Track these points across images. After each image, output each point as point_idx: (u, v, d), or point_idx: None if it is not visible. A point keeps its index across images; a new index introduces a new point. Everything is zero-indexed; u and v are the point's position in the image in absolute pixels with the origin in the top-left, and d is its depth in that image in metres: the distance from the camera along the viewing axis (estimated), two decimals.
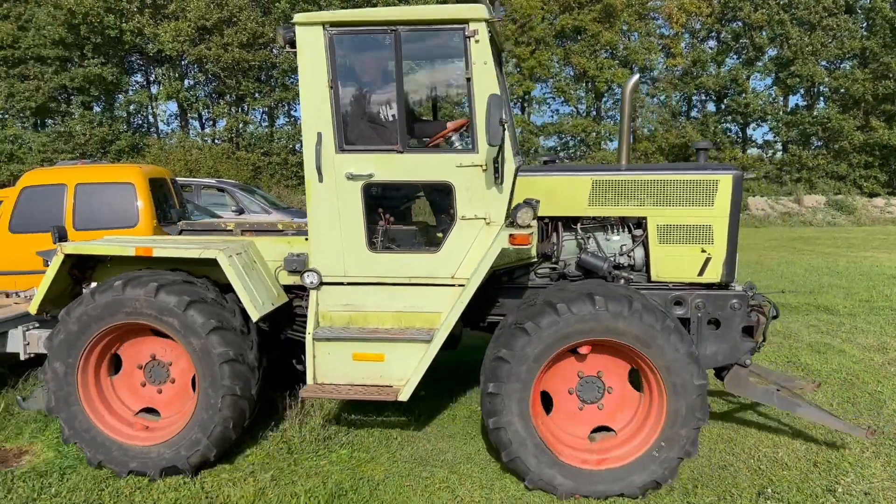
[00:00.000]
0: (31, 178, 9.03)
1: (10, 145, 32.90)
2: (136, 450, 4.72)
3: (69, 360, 4.70)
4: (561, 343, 4.32)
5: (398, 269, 4.84)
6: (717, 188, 4.74)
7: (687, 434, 4.33)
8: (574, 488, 4.41)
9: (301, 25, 4.67)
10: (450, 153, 4.78)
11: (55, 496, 4.46)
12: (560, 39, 32.41)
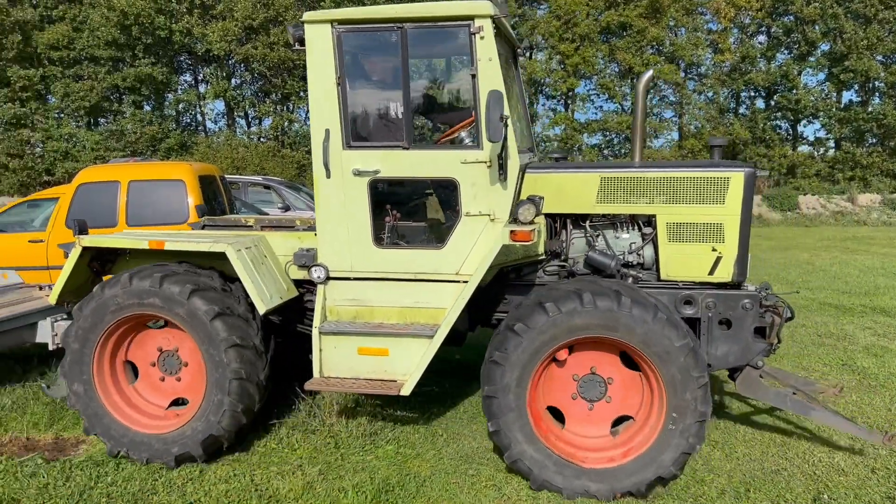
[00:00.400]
0: (86, 176, 9.28)
1: (66, 143, 33.92)
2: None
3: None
4: (552, 343, 4.32)
5: (403, 264, 4.86)
6: (728, 186, 4.67)
7: (693, 396, 4.24)
8: (609, 490, 4.37)
9: (310, 24, 4.72)
10: (455, 149, 4.78)
11: (111, 485, 4.57)
12: (605, 35, 32.03)
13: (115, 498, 4.42)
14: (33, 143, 34.71)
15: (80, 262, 5.18)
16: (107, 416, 4.93)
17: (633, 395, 4.58)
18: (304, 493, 4.47)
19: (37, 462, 4.85)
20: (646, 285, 4.90)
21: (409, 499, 4.43)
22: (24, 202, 10.49)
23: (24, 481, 4.59)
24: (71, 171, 30.91)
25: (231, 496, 4.43)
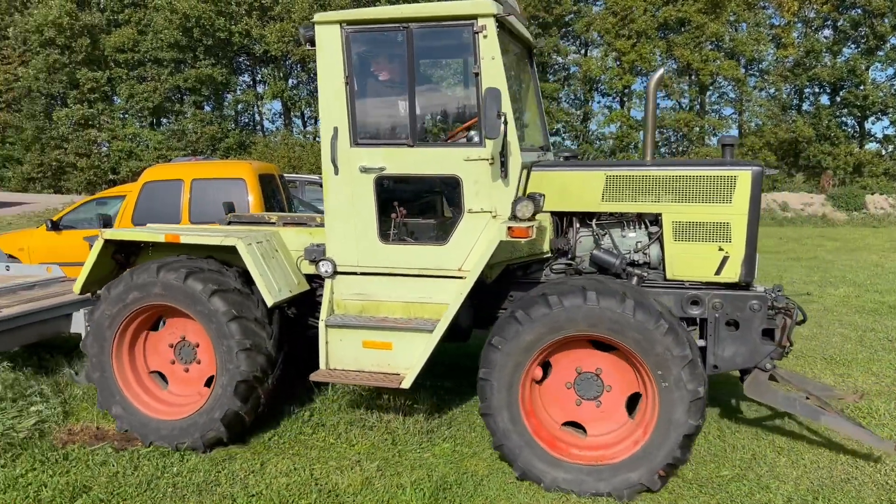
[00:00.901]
0: (151, 174, 9.56)
1: (130, 143, 35.01)
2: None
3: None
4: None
5: (408, 260, 4.93)
6: (735, 185, 4.60)
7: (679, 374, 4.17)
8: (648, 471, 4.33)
9: (320, 24, 4.85)
10: (458, 147, 4.82)
11: (176, 475, 4.70)
12: (662, 31, 31.48)
13: (180, 488, 4.53)
14: (100, 143, 36.01)
15: (104, 254, 5.42)
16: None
17: (626, 373, 4.50)
18: (362, 489, 4.51)
19: (107, 451, 5.01)
20: (652, 285, 4.85)
21: (466, 498, 4.43)
22: (93, 200, 10.87)
23: (95, 469, 4.75)
24: (135, 169, 31.94)
25: (291, 489, 4.50)
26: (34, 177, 35.99)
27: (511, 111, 4.63)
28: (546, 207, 4.88)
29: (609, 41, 31.04)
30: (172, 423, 5.11)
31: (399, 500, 4.38)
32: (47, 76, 34.61)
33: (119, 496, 4.41)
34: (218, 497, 4.41)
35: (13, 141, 36.75)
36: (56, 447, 5.07)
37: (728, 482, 4.61)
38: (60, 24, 33.31)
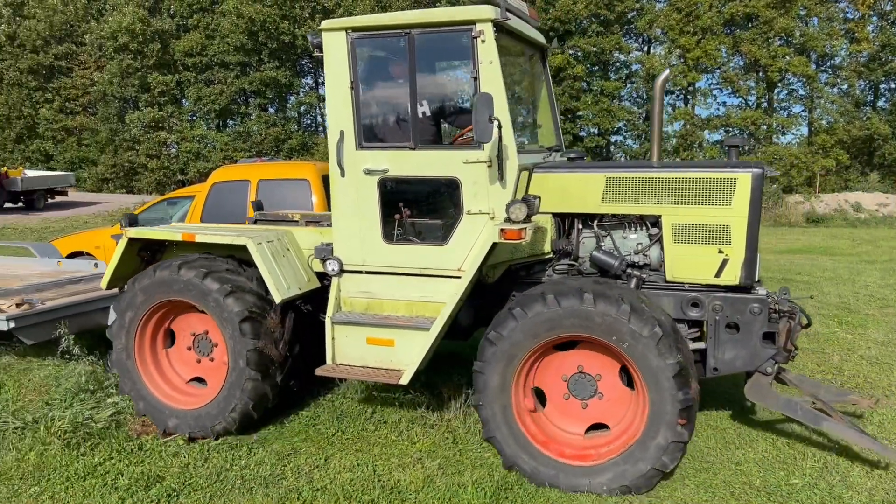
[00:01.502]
0: (219, 175, 9.83)
1: (197, 144, 36.06)
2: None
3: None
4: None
5: (410, 259, 5.05)
6: (735, 187, 4.59)
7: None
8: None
9: (327, 31, 5.01)
10: (457, 150, 4.91)
11: (244, 468, 4.83)
12: (729, 27, 30.68)
13: (248, 480, 4.66)
14: (169, 145, 37.21)
15: (129, 251, 5.69)
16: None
17: (603, 358, 4.55)
18: (424, 487, 4.55)
19: (178, 443, 5.20)
20: (652, 287, 4.86)
21: (528, 499, 4.42)
22: (164, 200, 11.23)
23: (168, 460, 4.93)
24: (202, 170, 32.91)
25: (355, 485, 4.58)
26: (108, 177, 37.45)
27: (508, 115, 4.70)
28: (548, 209, 4.97)
29: (673, 38, 30.41)
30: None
31: (460, 498, 4.40)
32: (121, 80, 35.99)
33: (190, 486, 4.57)
34: (284, 490, 4.52)
35: (89, 143, 38.33)
36: (131, 437, 5.29)
37: (798, 491, 4.48)
38: (133, 30, 34.60)
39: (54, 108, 38.72)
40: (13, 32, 38.04)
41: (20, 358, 7.03)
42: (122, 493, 4.45)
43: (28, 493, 4.48)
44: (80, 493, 4.47)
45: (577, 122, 31.75)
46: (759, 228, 4.68)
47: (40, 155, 39.03)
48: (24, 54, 38.15)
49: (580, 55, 31.33)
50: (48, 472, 4.73)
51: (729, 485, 4.58)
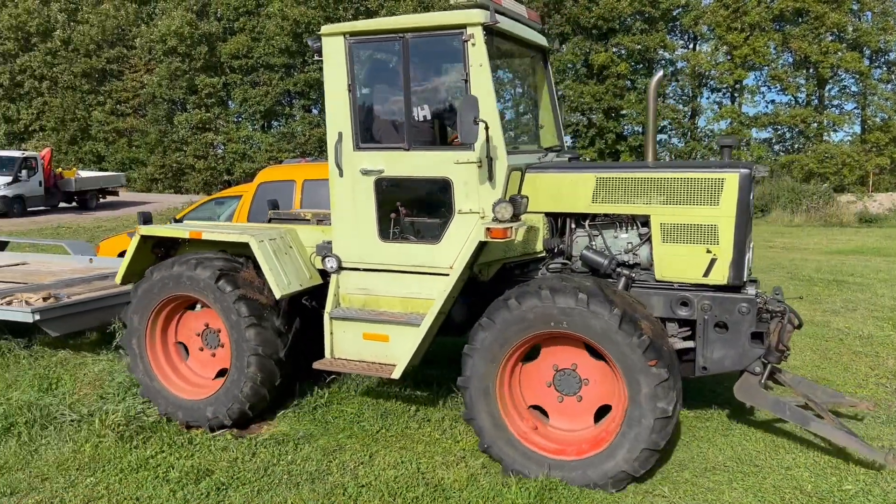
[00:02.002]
0: (265, 175, 9.99)
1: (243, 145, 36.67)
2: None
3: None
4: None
5: (404, 257, 5.17)
6: (722, 187, 4.60)
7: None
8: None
9: (326, 36, 5.18)
10: (449, 150, 4.98)
11: (290, 463, 4.91)
12: (778, 23, 30.02)
13: (294, 475, 4.74)
14: (216, 146, 37.92)
15: (143, 247, 5.91)
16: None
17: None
18: (468, 485, 4.57)
19: (227, 437, 5.31)
20: (642, 286, 4.91)
21: (572, 499, 4.39)
22: (212, 200, 11.46)
23: (217, 454, 5.04)
24: (248, 170, 33.45)
25: (399, 482, 4.62)
26: (157, 177, 38.37)
27: (497, 116, 4.77)
28: (540, 208, 5.06)
29: (720, 35, 29.88)
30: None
31: (504, 498, 4.40)
32: (169, 83, 36.83)
33: (239, 480, 4.66)
34: (329, 486, 4.58)
35: (139, 144, 39.30)
36: (182, 431, 5.41)
37: (852, 497, 4.37)
38: (181, 33, 35.37)
39: (106, 111, 39.80)
40: (68, 37, 39.21)
41: (76, 353, 7.25)
42: (173, 486, 4.56)
43: (84, 483, 4.62)
44: (133, 485, 4.59)
45: (620, 121, 31.41)
46: (748, 228, 4.72)
47: (93, 156, 40.15)
48: (77, 58, 39.31)
49: (624, 53, 30.99)
50: (103, 463, 4.88)
51: (779, 490, 4.50)
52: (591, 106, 30.81)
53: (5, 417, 5.54)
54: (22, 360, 7.13)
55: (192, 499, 4.42)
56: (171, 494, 4.46)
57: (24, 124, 40.89)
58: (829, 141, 30.25)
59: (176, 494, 4.46)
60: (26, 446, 5.15)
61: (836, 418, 4.97)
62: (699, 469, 4.80)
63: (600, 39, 31.17)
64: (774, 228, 21.79)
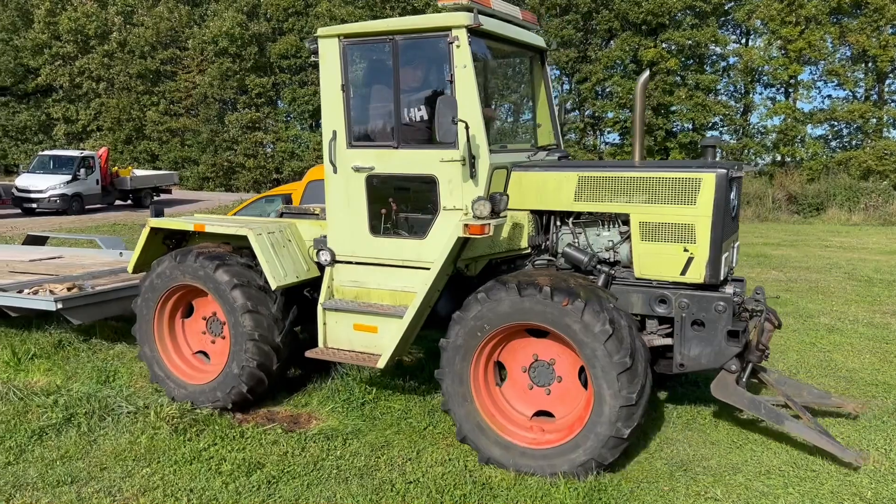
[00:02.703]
0: (314, 174, 10.13)
1: (292, 144, 37.17)
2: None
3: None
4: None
5: (394, 252, 5.36)
6: (699, 187, 4.68)
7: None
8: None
9: (322, 38, 5.40)
10: (435, 148, 5.05)
11: (339, 458, 4.96)
12: (835, 16, 29.10)
13: (343, 470, 4.79)
14: (265, 145, 38.52)
15: (154, 239, 6.29)
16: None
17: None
18: (515, 484, 4.55)
19: (277, 431, 5.39)
20: (623, 283, 5.01)
21: (622, 500, 4.35)
22: (262, 198, 11.66)
23: (268, 448, 5.12)
24: (296, 169, 33.88)
25: (447, 479, 4.63)
26: (208, 176, 39.15)
27: (480, 116, 4.90)
28: (526, 206, 5.26)
29: (773, 29, 29.10)
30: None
31: (552, 497, 4.38)
32: (220, 83, 37.53)
33: (289, 474, 4.72)
34: (378, 482, 4.61)
35: (191, 143, 40.16)
36: (233, 425, 5.52)
37: None
38: (232, 34, 36.01)
39: (160, 111, 40.78)
40: (124, 39, 40.30)
41: (132, 346, 7.45)
42: (226, 478, 4.65)
43: (140, 473, 4.74)
44: (186, 477, 4.70)
45: (669, 118, 30.87)
46: (729, 228, 4.82)
47: (147, 155, 41.16)
48: (133, 60, 40.36)
49: (674, 48, 30.45)
50: (158, 454, 5.00)
51: (836, 495, 4.38)
52: None
53: (66, 408, 5.73)
54: (81, 354, 7.37)
55: (244, 491, 4.50)
56: (223, 487, 4.55)
57: (83, 124, 42.16)
58: (888, 137, 29.19)
59: (228, 487, 4.55)
60: (86, 436, 5.31)
61: (812, 418, 5.02)
62: (753, 472, 4.70)
63: (649, 35, 30.68)
64: (830, 227, 21.19)
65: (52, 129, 43.09)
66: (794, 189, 25.02)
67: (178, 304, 6.10)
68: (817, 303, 9.90)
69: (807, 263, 13.62)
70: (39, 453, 5.04)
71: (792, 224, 22.61)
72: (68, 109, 42.28)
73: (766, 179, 27.38)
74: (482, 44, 5.46)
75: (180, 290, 5.95)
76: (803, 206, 24.37)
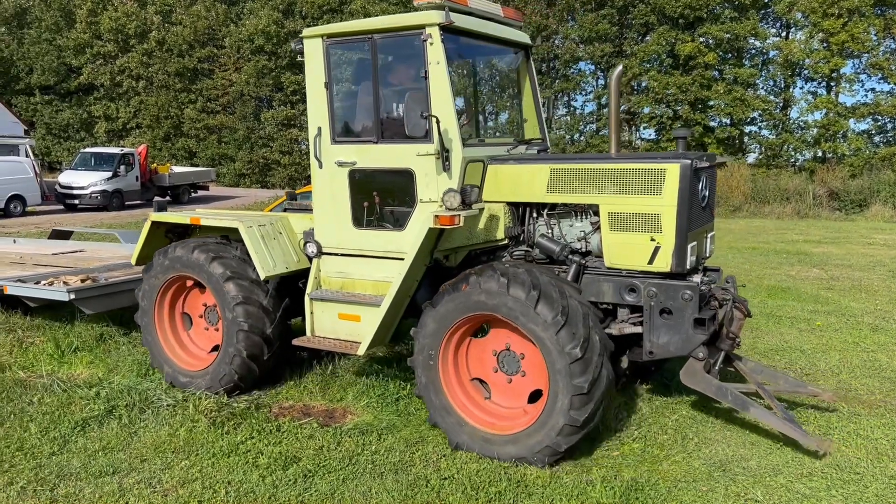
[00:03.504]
0: None
1: None
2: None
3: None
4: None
5: (375, 243, 5.56)
6: (664, 177, 4.76)
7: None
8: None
9: (307, 38, 5.65)
10: (412, 143, 5.17)
11: (374, 453, 4.98)
12: (879, 7, 28.34)
13: (378, 465, 4.80)
14: (300, 142, 38.81)
15: (157, 232, 6.63)
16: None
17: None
18: (551, 482, 4.52)
19: (313, 426, 5.43)
20: (595, 272, 5.12)
21: (659, 500, 4.29)
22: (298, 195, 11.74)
23: (304, 441, 5.16)
24: None
25: (482, 476, 4.61)
26: (245, 173, 39.64)
27: (453, 111, 5.08)
28: (502, 198, 5.40)
29: (815, 21, 28.46)
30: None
31: (588, 496, 4.34)
32: (256, 80, 37.94)
33: (325, 469, 4.76)
34: (413, 477, 4.62)
35: (228, 140, 40.69)
36: (270, 419, 5.57)
37: None
38: (268, 32, 36.36)
39: (197, 108, 41.38)
40: (162, 38, 40.96)
41: None
42: (263, 471, 4.70)
43: (179, 465, 4.82)
44: (224, 469, 4.76)
45: (707, 112, 30.40)
46: (697, 218, 4.94)
47: (185, 152, 41.83)
48: (171, 58, 41.01)
49: (711, 42, 29.96)
50: (196, 447, 5.08)
51: (882, 499, 4.27)
52: (676, 97, 29.96)
53: (108, 400, 5.85)
54: (122, 347, 7.51)
55: (281, 484, 4.54)
56: (260, 479, 4.60)
57: (123, 122, 42.99)
58: None
59: (265, 480, 4.60)
60: (126, 428, 5.41)
61: (781, 406, 5.11)
62: (794, 474, 4.61)
63: (687, 29, 30.23)
64: (874, 224, 20.68)
65: (93, 127, 44.02)
66: (835, 185, 24.45)
67: (177, 293, 6.40)
68: (860, 301, 9.67)
69: (849, 261, 13.31)
70: (82, 444, 5.15)
71: (833, 221, 22.11)
72: (109, 107, 43.14)
73: (806, 175, 26.81)
74: (462, 41, 5.63)
75: (179, 280, 6.24)
76: (845, 202, 23.81)
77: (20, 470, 4.75)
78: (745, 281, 11.23)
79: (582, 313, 4.60)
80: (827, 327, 8.29)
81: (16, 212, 24.13)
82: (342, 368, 6.65)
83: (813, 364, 6.90)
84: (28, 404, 5.86)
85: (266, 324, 5.89)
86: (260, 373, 6.05)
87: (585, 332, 4.52)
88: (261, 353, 5.93)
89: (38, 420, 5.53)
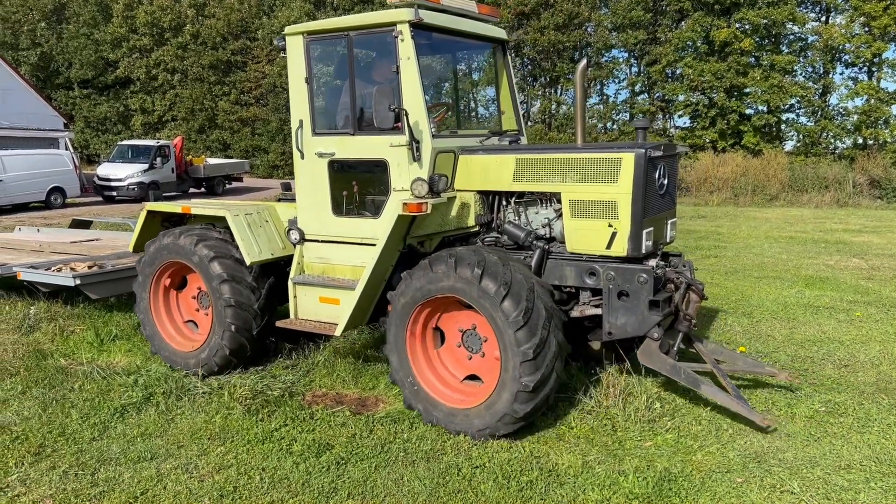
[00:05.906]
0: None
1: None
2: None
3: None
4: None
5: (353, 230, 5.82)
6: (620, 166, 4.99)
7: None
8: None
9: (288, 35, 5.89)
10: (385, 135, 5.40)
11: (406, 441, 5.01)
12: None
13: (410, 453, 4.83)
14: None
15: (152, 221, 6.96)
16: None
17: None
18: (583, 472, 4.51)
19: (345, 414, 5.48)
20: (558, 257, 5.40)
21: (693, 491, 4.26)
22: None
23: (336, 429, 5.21)
24: None
25: (513, 465, 4.62)
26: (278, 164, 40.02)
27: (423, 104, 5.28)
28: (473, 187, 5.69)
29: (856, 5, 27.74)
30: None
31: (620, 486, 4.32)
32: None
33: (357, 456, 4.80)
34: (444, 465, 4.64)
35: (261, 132, 41.09)
36: (303, 407, 5.64)
37: None
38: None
39: (231, 101, 41.85)
40: (196, 31, 41.45)
41: None
42: (296, 458, 4.76)
43: (215, 451, 4.90)
44: (259, 456, 4.83)
45: (743, 100, 29.85)
46: (654, 205, 5.18)
47: (219, 144, 42.37)
48: (205, 51, 41.50)
49: (748, 28, 29.38)
50: (231, 434, 5.16)
51: None
52: (711, 84, 29.46)
53: (145, 388, 5.97)
54: None
55: (314, 471, 4.60)
56: (294, 466, 4.66)
57: (158, 115, 43.67)
58: None
59: (299, 466, 4.66)
60: (164, 415, 5.52)
61: (733, 385, 5.35)
62: (832, 467, 4.53)
63: (722, 15, 29.69)
64: None
65: (129, 120, 44.80)
66: (876, 173, 23.89)
67: (172, 279, 6.67)
68: None
69: (891, 251, 13.00)
70: (121, 430, 5.26)
71: (874, 210, 21.60)
72: (145, 100, 43.85)
73: (846, 163, 26.21)
74: (435, 37, 5.83)
75: (171, 266, 6.50)
76: (887, 190, 23.25)
77: (62, 455, 4.88)
78: (782, 271, 11.04)
79: (526, 286, 4.77)
80: (867, 318, 8.12)
81: (56, 203, 24.67)
82: (374, 358, 6.70)
83: (852, 355, 6.77)
84: (69, 391, 6.00)
85: (252, 299, 6.17)
86: (251, 347, 6.32)
87: (529, 302, 4.70)
88: (249, 327, 6.20)
89: (78, 406, 5.66)
